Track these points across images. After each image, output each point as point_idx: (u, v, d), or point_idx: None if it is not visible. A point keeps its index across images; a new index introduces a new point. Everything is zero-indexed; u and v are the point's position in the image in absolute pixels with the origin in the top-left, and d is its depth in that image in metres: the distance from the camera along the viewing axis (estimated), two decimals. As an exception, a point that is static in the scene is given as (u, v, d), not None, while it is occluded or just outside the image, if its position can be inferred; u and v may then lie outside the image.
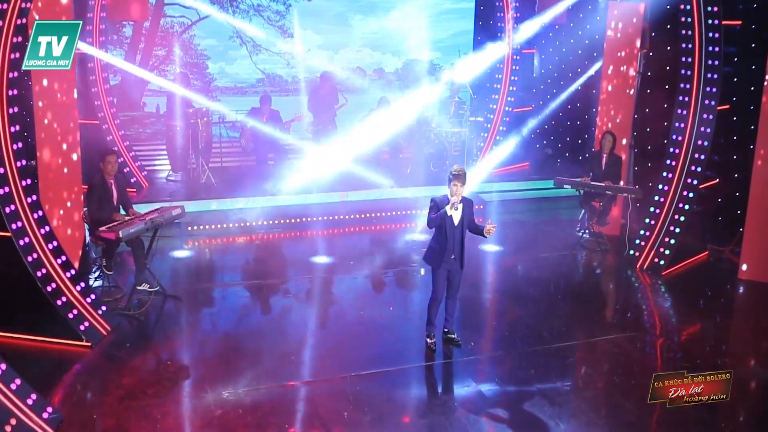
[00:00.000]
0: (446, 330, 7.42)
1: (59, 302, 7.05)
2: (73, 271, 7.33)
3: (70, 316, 7.06)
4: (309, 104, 11.81)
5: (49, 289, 7.01)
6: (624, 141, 10.80)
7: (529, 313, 8.23)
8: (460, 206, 6.93)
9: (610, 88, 10.89)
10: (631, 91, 10.78)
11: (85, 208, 8.08)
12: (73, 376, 6.64)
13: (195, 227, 10.33)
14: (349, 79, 13.12)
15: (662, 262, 9.59)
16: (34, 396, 5.68)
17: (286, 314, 8.06)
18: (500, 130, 13.34)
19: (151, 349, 7.12)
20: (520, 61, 13.23)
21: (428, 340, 7.29)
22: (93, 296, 7.40)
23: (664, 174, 9.91)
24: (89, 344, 7.02)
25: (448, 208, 6.90)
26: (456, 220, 6.98)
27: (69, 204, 8.01)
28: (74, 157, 8.08)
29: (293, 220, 10.84)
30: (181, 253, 9.67)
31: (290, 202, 11.28)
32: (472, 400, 6.44)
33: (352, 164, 11.92)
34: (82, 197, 8.18)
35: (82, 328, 7.07)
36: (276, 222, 10.74)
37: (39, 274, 6.96)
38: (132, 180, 10.99)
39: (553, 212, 12.26)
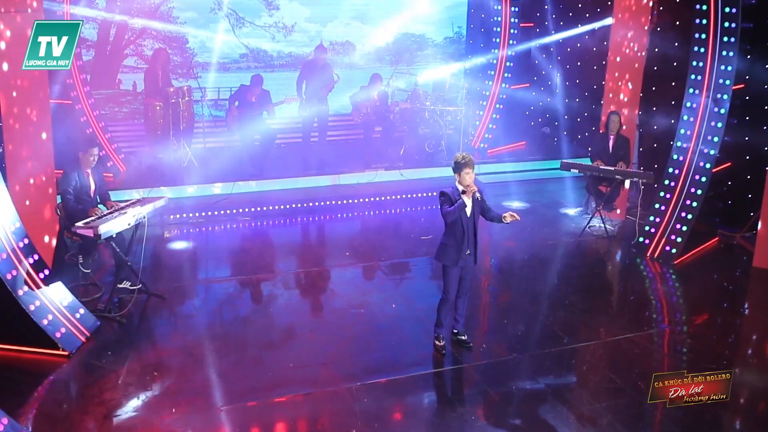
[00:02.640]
0: (456, 331, 6.89)
1: (32, 307, 6.37)
2: (47, 272, 6.65)
3: (45, 322, 6.39)
4: (299, 81, 11.06)
5: (20, 292, 6.33)
6: (637, 111, 10.28)
7: (540, 309, 7.73)
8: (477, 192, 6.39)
9: (618, 59, 10.31)
10: (643, 53, 10.20)
11: (59, 201, 7.37)
12: (49, 391, 6.01)
13: (177, 215, 9.64)
14: (338, 54, 12.42)
15: (674, 251, 9.12)
16: (5, 420, 5.05)
17: (281, 314, 7.43)
18: (496, 108, 12.76)
19: (135, 358, 6.47)
20: (517, 36, 12.60)
21: (437, 342, 6.76)
22: (69, 298, 6.72)
23: (675, 157, 9.42)
24: (66, 353, 6.36)
25: (466, 198, 6.33)
26: (469, 211, 6.44)
27: (51, 190, 7.34)
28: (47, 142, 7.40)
29: (282, 207, 10.20)
30: (163, 245, 9.01)
31: (278, 186, 10.63)
32: (491, 412, 5.92)
33: (342, 145, 11.32)
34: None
35: (57, 335, 6.40)
36: (264, 209, 10.09)
37: (9, 276, 6.28)
38: (108, 164, 10.23)
39: (553, 195, 11.74)
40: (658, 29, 10.64)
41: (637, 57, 10.22)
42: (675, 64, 10.57)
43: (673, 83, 10.42)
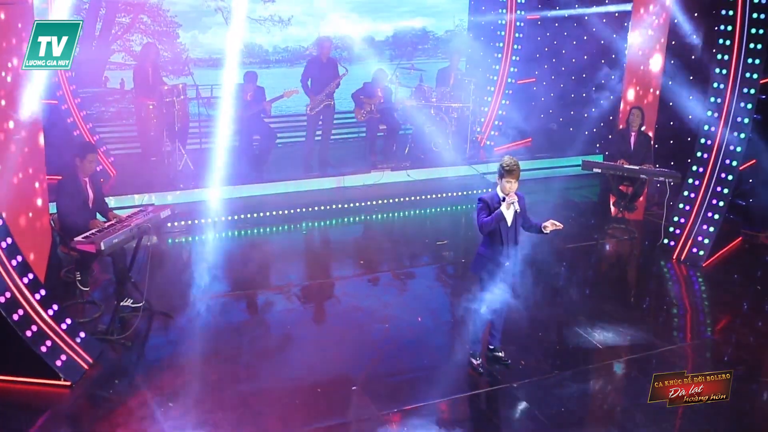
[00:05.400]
0: (492, 347, 6.38)
1: (29, 333, 5.72)
2: (43, 292, 5.99)
3: (43, 349, 5.74)
4: (304, 78, 10.41)
5: (15, 317, 5.66)
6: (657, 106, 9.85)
7: (574, 319, 7.24)
8: (516, 204, 5.87)
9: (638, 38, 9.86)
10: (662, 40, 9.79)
11: (54, 213, 6.71)
12: (51, 427, 5.34)
13: (175, 223, 8.97)
14: (336, 48, 11.82)
15: (701, 253, 8.71)
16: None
17: (301, 333, 6.82)
18: (502, 104, 12.26)
19: (146, 386, 5.81)
20: (523, 28, 12.09)
21: (473, 360, 6.25)
22: (69, 321, 6.07)
23: (699, 154, 9.01)
24: (69, 383, 5.72)
25: (504, 208, 5.82)
26: (509, 220, 5.93)
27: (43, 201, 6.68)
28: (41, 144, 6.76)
29: (286, 212, 9.59)
30: (163, 256, 8.34)
31: (280, 190, 10.01)
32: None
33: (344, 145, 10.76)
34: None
35: (58, 363, 5.76)
36: (267, 214, 9.47)
37: (2, 299, 5.62)
38: (98, 168, 9.48)
39: (563, 194, 11.26)
40: (675, 21, 10.22)
41: (658, 47, 9.78)
42: (693, 57, 10.19)
43: (691, 77, 10.03)
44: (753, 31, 8.56)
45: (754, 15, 8.54)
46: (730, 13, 8.69)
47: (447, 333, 6.86)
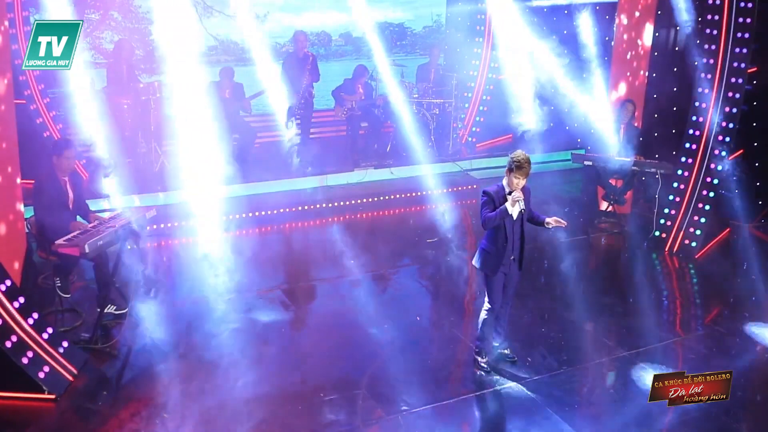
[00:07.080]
0: (496, 344, 6.18)
1: (8, 344, 5.32)
2: (22, 300, 5.59)
3: (24, 360, 5.36)
4: (283, 74, 10.09)
5: (-7, 328, 5.28)
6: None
7: (576, 314, 7.07)
8: (521, 202, 5.66)
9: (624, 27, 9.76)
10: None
11: (31, 215, 6.30)
12: (38, 446, 4.99)
13: (154, 225, 8.55)
14: (314, 45, 11.54)
15: (694, 244, 8.64)
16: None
17: (297, 337, 6.54)
18: (483, 100, 12.09)
19: (136, 396, 5.46)
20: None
21: (479, 358, 6.02)
22: (50, 330, 5.68)
23: (687, 145, 8.93)
24: (53, 396, 5.35)
25: (508, 205, 5.60)
26: (515, 215, 5.71)
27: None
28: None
29: (267, 212, 9.26)
30: (142, 260, 7.94)
31: (259, 190, 9.67)
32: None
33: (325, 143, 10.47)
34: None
35: (41, 375, 5.38)
36: (248, 215, 9.12)
37: (-22, 309, 5.22)
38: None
39: (548, 189, 11.08)
40: (659, 13, 10.16)
41: (643, 38, 9.71)
42: (677, 48, 10.14)
43: (675, 68, 9.97)
44: (740, 20, 8.52)
45: (741, 4, 8.50)
46: (717, 2, 8.64)
47: (448, 331, 6.62)
